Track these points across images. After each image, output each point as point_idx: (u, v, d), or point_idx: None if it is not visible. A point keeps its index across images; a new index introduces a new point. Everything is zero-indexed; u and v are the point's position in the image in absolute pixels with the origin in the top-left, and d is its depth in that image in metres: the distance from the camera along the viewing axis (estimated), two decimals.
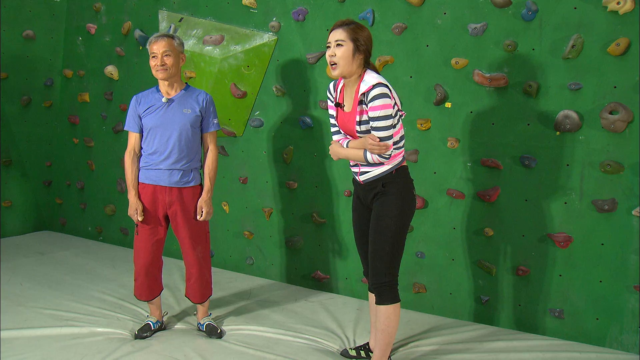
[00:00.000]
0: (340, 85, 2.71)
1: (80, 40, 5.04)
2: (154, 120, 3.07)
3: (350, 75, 2.56)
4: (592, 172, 3.07)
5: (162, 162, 3.07)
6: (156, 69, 3.02)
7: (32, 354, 2.87)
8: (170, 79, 3.05)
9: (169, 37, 3.05)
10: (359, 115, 2.55)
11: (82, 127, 5.16)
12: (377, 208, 2.65)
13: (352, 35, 2.51)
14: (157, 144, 3.07)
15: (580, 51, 3.04)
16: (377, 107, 2.47)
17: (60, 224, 5.50)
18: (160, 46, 3.01)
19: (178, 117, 3.06)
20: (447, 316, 3.53)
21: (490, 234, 3.37)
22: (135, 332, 3.18)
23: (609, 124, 2.99)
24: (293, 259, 4.11)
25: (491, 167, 3.34)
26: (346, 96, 2.66)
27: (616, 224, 3.02)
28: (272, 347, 3.03)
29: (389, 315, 2.64)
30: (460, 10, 3.32)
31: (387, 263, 2.62)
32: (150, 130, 3.08)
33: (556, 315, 3.21)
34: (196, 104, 3.11)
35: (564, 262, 3.18)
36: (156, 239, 3.16)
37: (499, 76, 3.26)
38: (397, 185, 2.63)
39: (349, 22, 2.56)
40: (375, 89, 2.47)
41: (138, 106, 3.12)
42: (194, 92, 3.15)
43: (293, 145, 3.97)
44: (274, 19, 3.92)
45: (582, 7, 3.01)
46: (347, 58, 2.51)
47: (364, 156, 2.55)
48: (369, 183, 2.68)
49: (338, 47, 2.52)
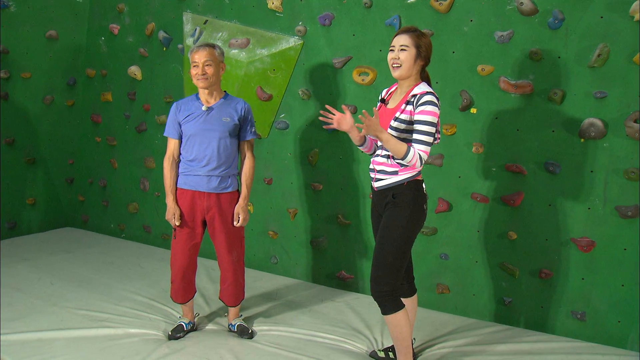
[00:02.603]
0: (392, 89, 2.84)
1: (102, 40, 5.10)
2: (194, 127, 3.14)
3: (408, 77, 2.68)
4: (615, 179, 3.14)
5: (201, 168, 3.14)
6: (197, 78, 3.09)
7: (73, 356, 2.97)
8: (210, 88, 3.12)
9: (211, 46, 3.11)
10: (399, 112, 2.65)
11: (105, 126, 5.24)
12: (385, 218, 2.73)
13: (416, 42, 2.64)
14: (196, 151, 3.14)
15: (606, 60, 3.09)
16: (426, 111, 2.57)
17: (82, 221, 5.59)
18: (202, 56, 3.07)
19: (217, 125, 3.13)
20: (470, 317, 3.63)
21: (514, 237, 3.45)
22: (169, 333, 3.28)
23: (634, 133, 3.05)
24: (317, 258, 4.20)
25: (515, 172, 3.41)
26: (395, 95, 2.79)
27: (638, 230, 3.10)
28: (302, 348, 3.13)
29: (398, 323, 2.72)
30: (486, 17, 3.38)
31: (388, 273, 2.69)
32: (189, 137, 3.15)
33: (578, 317, 3.30)
34: (235, 112, 3.17)
35: (586, 266, 3.27)
36: (193, 243, 3.24)
37: (525, 83, 3.32)
38: (407, 197, 2.69)
39: (413, 29, 2.68)
40: (428, 95, 2.59)
41: (178, 113, 3.18)
42: (232, 100, 3.22)
43: (319, 148, 4.05)
44: (299, 23, 3.97)
45: (609, 16, 3.06)
46: (409, 62, 2.64)
47: (407, 151, 2.57)
48: (381, 191, 2.76)
49: (402, 51, 2.64)
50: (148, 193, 5.04)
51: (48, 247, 4.91)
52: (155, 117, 4.84)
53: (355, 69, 3.80)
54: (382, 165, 2.74)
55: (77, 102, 5.37)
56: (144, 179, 5.03)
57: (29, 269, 4.33)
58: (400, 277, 2.74)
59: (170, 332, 3.28)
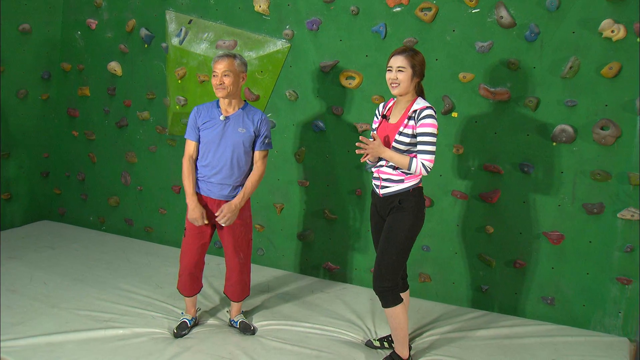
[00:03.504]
0: (390, 104, 3.06)
1: (79, 35, 5.05)
2: (211, 135, 3.25)
3: (406, 94, 2.92)
4: (583, 179, 3.48)
5: (213, 175, 3.27)
6: (216, 87, 3.18)
7: (87, 358, 3.10)
8: (228, 97, 3.22)
9: (231, 56, 3.19)
10: (402, 127, 2.88)
11: (83, 121, 5.22)
12: (391, 220, 3.00)
13: (411, 62, 2.86)
14: (210, 158, 3.27)
15: (577, 72, 3.40)
16: (427, 124, 2.83)
17: (59, 214, 5.59)
18: (221, 66, 3.15)
19: (233, 136, 3.24)
20: (450, 303, 3.95)
21: (491, 231, 3.78)
22: (174, 331, 3.43)
23: (600, 138, 3.39)
24: (304, 250, 4.42)
25: (493, 172, 3.71)
26: (395, 111, 3.01)
27: (603, 225, 3.47)
28: (304, 341, 3.37)
29: (397, 315, 3.01)
30: (468, 28, 3.61)
31: (391, 270, 2.97)
32: (206, 144, 3.27)
33: (548, 302, 3.67)
34: (251, 124, 3.27)
35: (556, 257, 3.63)
36: (202, 242, 3.39)
37: (503, 91, 3.59)
38: (412, 202, 2.97)
39: (407, 50, 2.90)
40: (428, 110, 2.85)
41: (198, 117, 3.29)
42: (250, 111, 3.31)
43: (306, 147, 4.23)
44: (287, 27, 4.10)
45: (580, 32, 3.36)
46: (407, 81, 2.88)
47: (409, 163, 2.85)
48: (387, 197, 3.01)
49: (399, 72, 2.87)
50: (130, 187, 5.10)
51: (30, 243, 4.92)
52: (137, 113, 4.88)
53: (342, 73, 3.98)
54: (388, 175, 2.97)
55: (52, 96, 5.32)
56: (125, 172, 5.08)
57: (17, 267, 4.34)
58: (400, 274, 3.02)
59: (176, 329, 3.44)
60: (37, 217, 5.57)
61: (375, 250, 3.23)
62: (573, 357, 3.22)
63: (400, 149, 2.91)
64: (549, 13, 3.40)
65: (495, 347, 3.34)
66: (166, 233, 5.00)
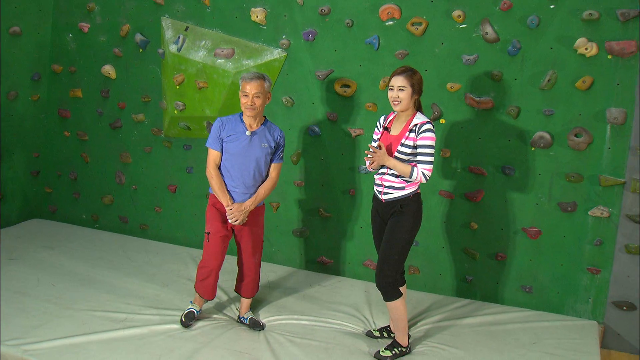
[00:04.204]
0: (391, 117, 3.35)
1: (70, 37, 5.12)
2: (237, 148, 3.50)
3: (406, 110, 3.22)
4: (558, 181, 3.86)
5: (237, 186, 3.54)
6: (245, 107, 3.42)
7: (112, 358, 3.31)
8: (256, 116, 3.47)
9: (262, 78, 3.42)
10: (404, 139, 3.19)
11: (75, 121, 5.32)
12: (393, 223, 3.32)
13: (410, 81, 3.17)
14: (235, 169, 3.52)
15: (554, 84, 3.75)
16: (426, 137, 3.15)
17: (50, 212, 5.69)
18: (253, 87, 3.38)
19: (257, 150, 3.51)
20: (437, 293, 4.32)
21: (475, 227, 4.14)
22: (182, 319, 3.67)
23: (574, 144, 3.77)
24: (299, 246, 4.70)
25: (477, 173, 4.05)
26: (395, 124, 3.31)
27: (575, 222, 3.87)
28: (311, 334, 3.67)
29: (398, 307, 3.36)
30: (456, 42, 3.91)
31: (393, 267, 3.31)
32: (231, 155, 3.51)
33: (527, 290, 4.07)
34: (272, 139, 3.55)
35: (533, 250, 4.02)
36: (225, 245, 3.64)
37: (487, 100, 3.92)
38: (412, 207, 3.30)
39: (407, 70, 3.20)
40: (427, 124, 3.17)
41: (222, 130, 3.52)
42: (271, 127, 3.58)
43: (301, 149, 4.48)
44: (283, 37, 4.31)
45: (558, 48, 3.70)
46: (407, 99, 3.18)
47: (411, 171, 3.17)
48: (389, 202, 3.32)
49: (400, 91, 3.17)
50: (124, 186, 5.25)
51: (27, 243, 5.02)
52: (131, 115, 5.02)
53: (337, 81, 4.24)
54: (390, 182, 3.28)
55: (43, 97, 5.38)
56: (119, 172, 5.22)
57: (20, 269, 4.47)
58: (400, 271, 3.35)
59: (184, 318, 3.68)
60: (28, 216, 5.66)
61: (376, 249, 3.54)
62: (551, 340, 3.63)
63: (402, 159, 3.21)
64: (530, 30, 3.73)
65: (482, 334, 3.72)
66: (162, 230, 5.19)
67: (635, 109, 3.59)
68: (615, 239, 3.76)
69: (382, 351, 3.42)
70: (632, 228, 3.71)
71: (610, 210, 3.75)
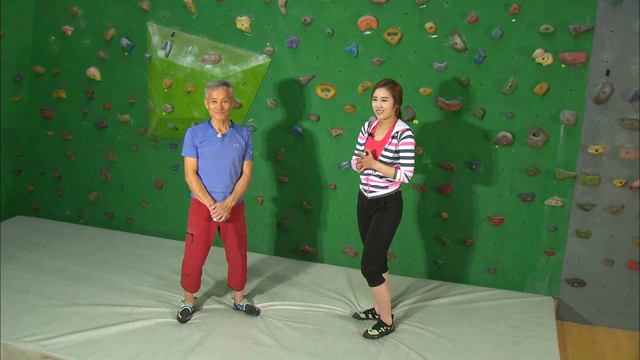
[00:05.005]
0: (374, 123, 3.74)
1: (53, 40, 5.23)
2: (212, 151, 3.79)
3: (389, 118, 3.61)
4: (519, 175, 4.35)
5: (216, 186, 3.83)
6: (215, 111, 3.72)
7: (128, 349, 3.59)
8: (225, 119, 3.77)
9: (226, 85, 3.73)
10: (388, 144, 3.60)
11: (58, 121, 5.46)
12: (377, 217, 3.74)
13: (392, 92, 3.56)
14: (212, 170, 3.81)
15: (515, 89, 4.21)
16: (407, 143, 3.57)
17: (32, 209, 5.83)
18: (220, 93, 3.68)
19: (229, 150, 3.81)
20: (412, 276, 4.77)
21: (445, 216, 4.60)
22: (179, 317, 3.98)
23: (533, 143, 4.26)
24: (283, 236, 5.06)
25: (447, 168, 4.50)
26: (379, 130, 3.70)
27: (534, 210, 4.38)
28: (304, 318, 4.06)
29: (382, 292, 3.80)
30: (428, 51, 4.31)
31: (377, 257, 3.73)
32: (207, 159, 3.80)
33: (492, 272, 4.59)
34: (242, 138, 3.86)
35: (497, 236, 4.52)
36: (207, 245, 3.95)
37: (455, 103, 4.35)
38: (394, 204, 3.73)
39: (389, 82, 3.59)
40: (408, 131, 3.58)
41: (195, 137, 3.80)
42: (238, 128, 3.89)
43: (285, 148, 4.81)
44: (268, 44, 4.60)
45: (518, 57, 4.15)
46: (390, 108, 3.58)
47: (395, 173, 3.58)
48: (374, 200, 3.73)
49: (383, 101, 3.55)
50: (110, 183, 5.45)
51: (17, 242, 5.18)
52: (117, 115, 5.21)
53: (319, 85, 4.57)
54: (375, 182, 3.68)
55: (25, 98, 5.48)
56: (105, 170, 5.42)
57: (17, 268, 4.65)
58: (383, 259, 3.78)
59: (180, 315, 3.99)
60: (11, 214, 5.78)
61: (362, 241, 3.95)
62: (515, 315, 4.16)
63: (385, 162, 3.61)
64: (494, 41, 4.16)
65: (455, 312, 4.21)
66: (148, 224, 5.44)
67: (584, 112, 4.09)
68: (568, 225, 4.30)
69: (370, 330, 3.86)
70: (582, 215, 4.25)
71: (563, 200, 4.27)
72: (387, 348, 3.71)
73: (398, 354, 3.65)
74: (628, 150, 4.04)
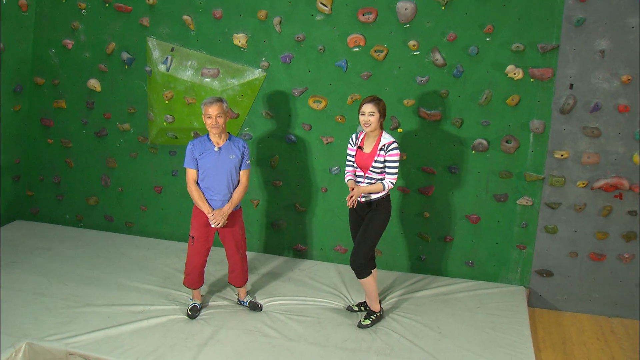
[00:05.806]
0: (361, 136, 4.11)
1: (53, 53, 5.46)
2: (210, 163, 4.12)
3: (374, 131, 4.00)
4: (494, 178, 4.82)
5: (215, 194, 4.18)
6: (211, 127, 4.04)
7: (147, 344, 3.92)
8: (220, 133, 4.10)
9: (220, 101, 4.05)
10: (377, 156, 4.00)
11: (58, 130, 5.70)
12: (368, 218, 4.16)
13: (378, 108, 3.96)
14: (211, 181, 4.16)
15: (490, 101, 4.66)
16: (393, 154, 3.98)
17: (31, 213, 6.05)
18: (214, 110, 4.01)
19: (226, 162, 4.15)
20: (397, 270, 5.21)
21: (427, 215, 5.04)
22: (189, 313, 4.33)
23: (506, 149, 4.73)
24: (277, 236, 5.44)
25: (429, 172, 4.94)
26: (367, 143, 4.09)
27: (507, 209, 4.86)
28: (304, 312, 4.46)
29: (370, 283, 4.23)
30: (411, 66, 4.73)
31: (366, 252, 4.16)
32: (205, 170, 4.14)
33: (470, 265, 5.06)
34: (238, 150, 4.19)
35: (474, 232, 4.99)
36: (207, 246, 4.32)
37: (436, 113, 4.78)
38: (384, 206, 4.16)
39: (374, 98, 3.98)
40: (394, 144, 3.99)
41: (194, 150, 4.13)
42: (235, 140, 4.22)
43: (279, 155, 5.18)
44: (263, 59, 4.95)
45: (492, 72, 4.60)
46: (376, 122, 3.97)
47: (382, 187, 4.01)
48: (367, 202, 4.14)
49: (370, 116, 3.94)
50: (110, 188, 5.73)
51: (20, 246, 5.40)
52: (117, 124, 5.49)
53: (311, 97, 4.95)
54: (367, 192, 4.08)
55: (24, 108, 5.69)
56: (105, 176, 5.69)
57: (27, 272, 4.89)
58: (371, 255, 4.23)
59: (190, 311, 4.35)
60: (11, 218, 5.99)
61: (352, 238, 4.35)
62: (492, 304, 4.64)
63: (376, 172, 4.02)
64: (471, 57, 4.60)
65: (438, 302, 4.67)
66: (147, 226, 5.75)
67: (551, 121, 4.58)
68: (537, 222, 4.80)
69: (362, 321, 4.30)
70: (549, 213, 4.75)
71: (533, 200, 4.76)
72: (381, 336, 4.14)
73: (391, 340, 4.09)
74: (589, 155, 4.55)
